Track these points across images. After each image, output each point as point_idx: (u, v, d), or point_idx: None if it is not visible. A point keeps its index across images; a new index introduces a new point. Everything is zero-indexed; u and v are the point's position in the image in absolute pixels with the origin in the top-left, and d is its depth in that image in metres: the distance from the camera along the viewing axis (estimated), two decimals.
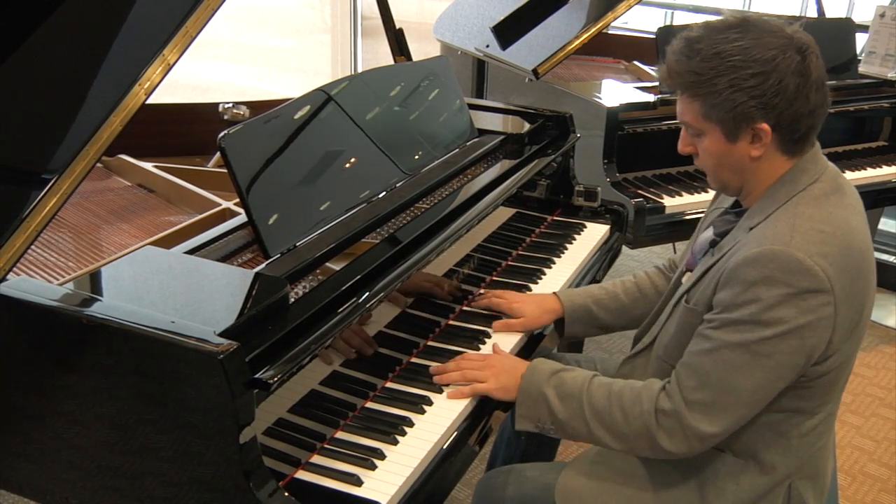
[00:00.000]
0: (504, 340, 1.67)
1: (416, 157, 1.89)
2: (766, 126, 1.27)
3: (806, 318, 1.22)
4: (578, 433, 1.40)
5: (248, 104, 2.23)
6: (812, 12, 3.57)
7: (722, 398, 1.27)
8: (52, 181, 1.32)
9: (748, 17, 1.29)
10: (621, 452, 1.40)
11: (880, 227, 3.84)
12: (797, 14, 4.79)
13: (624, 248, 2.39)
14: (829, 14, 3.45)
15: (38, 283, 1.40)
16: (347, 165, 1.69)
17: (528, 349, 1.73)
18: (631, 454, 1.39)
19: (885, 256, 3.98)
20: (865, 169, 3.04)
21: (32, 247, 1.37)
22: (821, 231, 1.25)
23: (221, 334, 1.15)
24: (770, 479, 1.38)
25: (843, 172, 2.90)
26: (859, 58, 3.27)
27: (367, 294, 1.40)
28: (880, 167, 3.07)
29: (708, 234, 1.48)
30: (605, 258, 2.16)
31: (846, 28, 3.20)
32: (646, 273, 1.76)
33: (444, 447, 1.40)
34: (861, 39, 3.30)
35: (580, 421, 1.38)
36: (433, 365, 1.55)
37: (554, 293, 1.76)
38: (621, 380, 1.41)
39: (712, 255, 1.40)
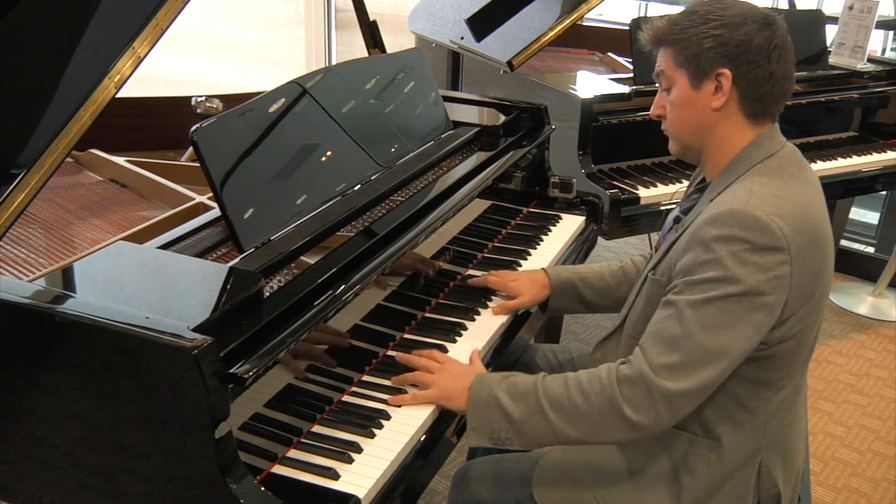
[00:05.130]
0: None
1: (392, 149, 1.89)
2: (727, 71, 1.36)
3: (765, 274, 1.27)
4: (538, 432, 1.33)
5: (222, 97, 2.21)
6: (783, 4, 3.60)
7: (688, 358, 1.27)
8: (21, 176, 1.30)
9: None
10: (587, 442, 1.35)
11: (851, 216, 3.89)
12: (769, 6, 4.84)
13: (599, 239, 2.41)
14: (800, 6, 3.49)
15: (9, 279, 1.38)
16: (322, 158, 1.69)
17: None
18: (597, 441, 1.35)
19: (856, 245, 4.04)
20: (836, 159, 3.08)
21: (1, 243, 1.35)
22: (776, 195, 1.31)
23: (195, 329, 1.15)
24: (739, 456, 1.41)
25: (815, 162, 2.98)
26: (829, 49, 3.31)
27: (342, 287, 1.40)
28: (850, 157, 3.11)
29: (674, 213, 1.55)
30: (580, 249, 2.17)
31: (816, 20, 3.23)
32: (632, 260, 1.82)
33: (422, 439, 1.41)
34: (831, 31, 3.33)
35: (538, 417, 1.32)
36: (399, 355, 1.54)
37: (543, 269, 1.82)
38: (574, 372, 1.37)
39: (676, 230, 1.45)
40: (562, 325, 2.65)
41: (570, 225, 2.22)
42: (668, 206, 2.62)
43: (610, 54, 3.38)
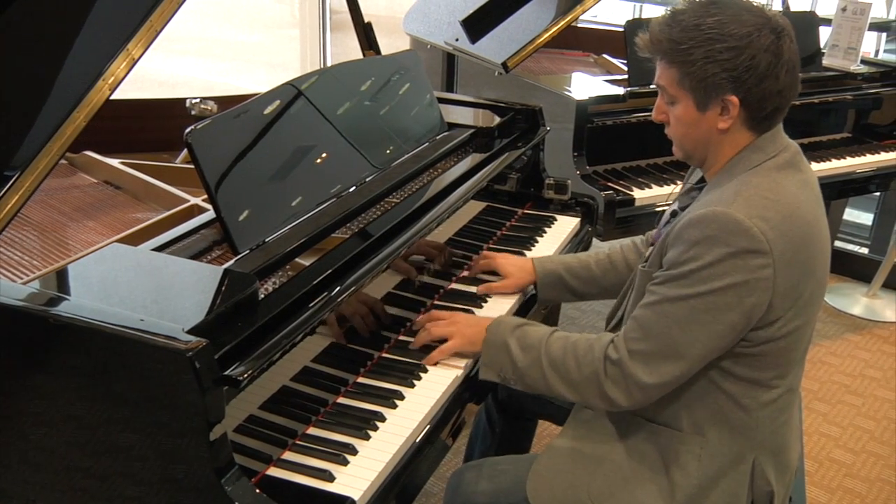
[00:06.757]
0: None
1: (387, 151, 1.89)
2: (734, 98, 1.33)
3: (743, 276, 1.28)
4: (536, 382, 1.45)
5: (216, 99, 2.21)
6: (777, 5, 3.61)
7: (660, 349, 1.33)
8: (14, 178, 1.30)
9: None
10: (573, 401, 1.46)
11: (845, 217, 3.90)
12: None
13: (594, 240, 2.41)
14: (793, 8, 3.50)
15: (3, 282, 1.37)
16: (317, 160, 1.69)
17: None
18: (581, 403, 1.45)
19: (850, 246, 4.05)
20: (830, 160, 3.09)
21: None
22: (764, 198, 1.31)
23: (190, 331, 1.14)
24: (732, 454, 1.41)
25: (809, 163, 2.98)
26: (823, 51, 3.32)
27: (337, 289, 1.40)
28: (844, 158, 3.12)
29: (672, 207, 1.55)
30: (575, 250, 2.17)
31: (810, 21, 3.24)
32: (620, 246, 1.83)
33: (417, 441, 1.41)
34: (824, 33, 3.34)
35: (537, 370, 1.44)
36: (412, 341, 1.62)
37: (531, 258, 1.85)
38: (578, 333, 1.47)
39: (671, 224, 1.45)
40: (559, 312, 2.69)
41: (564, 226, 2.22)
42: (663, 207, 2.63)
43: (605, 56, 3.38)
